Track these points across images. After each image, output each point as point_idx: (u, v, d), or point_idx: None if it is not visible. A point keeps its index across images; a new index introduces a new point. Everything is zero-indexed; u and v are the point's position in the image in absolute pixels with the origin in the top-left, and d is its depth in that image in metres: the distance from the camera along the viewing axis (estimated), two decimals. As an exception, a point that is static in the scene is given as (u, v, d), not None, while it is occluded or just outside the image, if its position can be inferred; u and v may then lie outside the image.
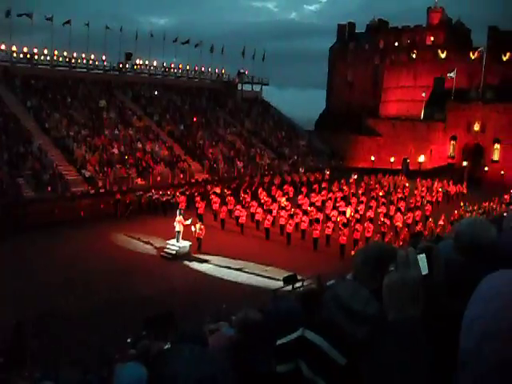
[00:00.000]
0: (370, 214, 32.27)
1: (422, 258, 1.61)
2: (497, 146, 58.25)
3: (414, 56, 75.70)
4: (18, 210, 28.91)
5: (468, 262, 2.26)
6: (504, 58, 66.07)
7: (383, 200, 36.85)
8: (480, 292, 1.27)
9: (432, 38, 76.23)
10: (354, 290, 1.71)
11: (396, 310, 1.48)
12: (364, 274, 2.02)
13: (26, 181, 32.01)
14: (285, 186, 40.77)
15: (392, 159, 61.04)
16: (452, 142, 61.06)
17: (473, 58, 66.38)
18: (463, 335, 1.26)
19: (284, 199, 34.56)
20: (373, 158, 62.43)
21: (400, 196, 39.39)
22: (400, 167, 58.99)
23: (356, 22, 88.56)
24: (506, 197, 42.10)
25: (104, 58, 53.13)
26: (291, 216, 30.09)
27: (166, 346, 6.90)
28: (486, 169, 57.56)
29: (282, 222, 30.07)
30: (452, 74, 61.98)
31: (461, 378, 1.26)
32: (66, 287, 20.08)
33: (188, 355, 1.45)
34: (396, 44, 79.17)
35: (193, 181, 40.29)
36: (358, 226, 28.58)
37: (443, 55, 72.03)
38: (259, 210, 31.87)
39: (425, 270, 1.60)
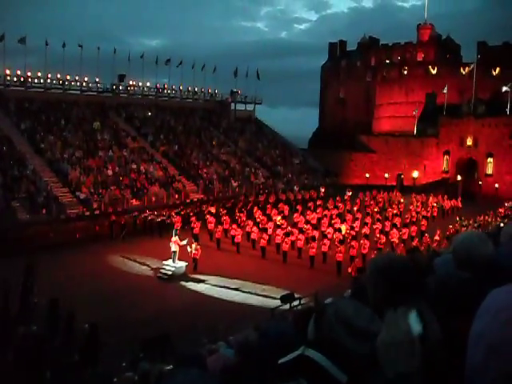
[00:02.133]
0: (366, 230, 32.23)
1: (412, 316, 1.59)
2: (490, 159, 58.58)
3: (405, 72, 76.49)
4: (12, 233, 28.74)
5: (467, 278, 2.25)
6: (494, 73, 66.80)
7: (378, 216, 36.87)
8: (486, 306, 1.27)
9: (422, 55, 77.05)
10: (356, 307, 1.70)
11: (393, 368, 1.48)
12: (369, 286, 2.01)
13: (21, 204, 31.89)
14: (280, 205, 40.74)
15: (386, 175, 61.26)
16: (445, 156, 61.39)
17: (463, 73, 67.03)
18: (470, 350, 1.26)
19: (279, 217, 34.58)
20: (367, 175, 62.63)
21: (395, 212, 39.45)
22: (394, 183, 59.18)
23: (346, 39, 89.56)
24: (500, 210, 42.23)
25: (97, 79, 53.37)
26: (287, 234, 30.04)
27: (167, 368, 6.86)
28: (481, 183, 57.78)
29: (277, 240, 30.01)
30: (444, 90, 62.54)
31: None
32: (62, 309, 19.85)
33: (184, 379, 1.43)
34: (387, 61, 79.99)
35: (188, 201, 40.24)
36: (353, 243, 28.47)
37: (434, 71, 72.79)
38: (255, 228, 31.79)
39: (417, 328, 1.57)
